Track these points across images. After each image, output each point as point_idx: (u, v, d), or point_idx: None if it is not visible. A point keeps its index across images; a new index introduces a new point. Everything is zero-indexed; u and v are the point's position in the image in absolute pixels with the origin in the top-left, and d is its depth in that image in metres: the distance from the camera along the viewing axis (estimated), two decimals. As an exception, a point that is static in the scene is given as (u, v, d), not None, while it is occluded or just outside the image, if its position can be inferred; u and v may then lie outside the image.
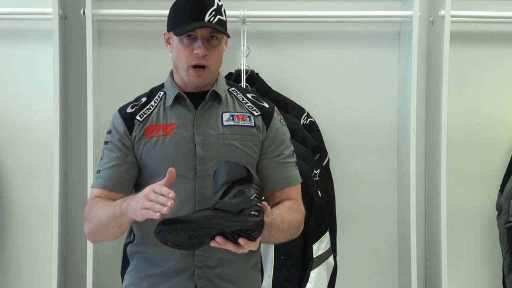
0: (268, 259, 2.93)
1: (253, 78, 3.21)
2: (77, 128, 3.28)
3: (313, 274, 2.92)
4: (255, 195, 1.98)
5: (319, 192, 3.00)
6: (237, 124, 2.23)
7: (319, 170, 3.08)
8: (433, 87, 3.33)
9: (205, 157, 2.18)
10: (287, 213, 2.17)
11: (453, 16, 3.18)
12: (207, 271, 2.19)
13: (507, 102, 3.43)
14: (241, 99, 2.29)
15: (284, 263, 2.92)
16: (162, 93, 2.28)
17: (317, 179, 3.04)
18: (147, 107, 2.26)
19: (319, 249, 2.94)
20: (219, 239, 1.95)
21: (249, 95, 2.32)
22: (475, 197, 3.44)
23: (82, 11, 3.11)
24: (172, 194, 1.93)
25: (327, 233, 3.00)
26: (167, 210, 1.91)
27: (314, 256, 2.92)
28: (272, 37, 3.37)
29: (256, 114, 2.26)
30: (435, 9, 3.27)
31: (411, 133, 3.19)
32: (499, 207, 3.31)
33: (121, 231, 2.14)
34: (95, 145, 3.07)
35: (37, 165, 3.30)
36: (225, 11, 2.22)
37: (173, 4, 2.24)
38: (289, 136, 2.31)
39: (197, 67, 2.18)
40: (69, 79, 3.32)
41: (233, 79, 3.16)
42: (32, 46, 3.29)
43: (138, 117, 2.24)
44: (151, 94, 2.31)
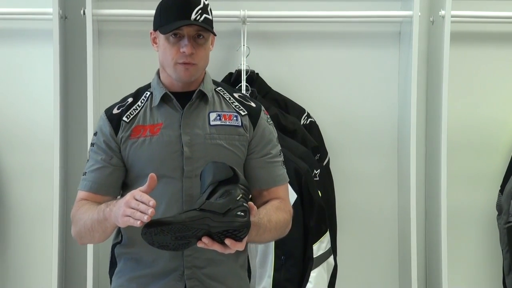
0: (268, 259, 2.93)
1: (253, 78, 3.21)
2: (77, 128, 3.29)
3: (313, 274, 2.92)
4: (241, 195, 1.97)
5: (319, 192, 3.00)
6: (224, 123, 2.22)
7: (319, 170, 3.08)
8: (433, 87, 3.32)
9: (193, 157, 2.17)
10: (274, 212, 2.16)
11: (453, 16, 3.18)
12: (196, 271, 2.18)
13: (507, 102, 3.43)
14: (228, 99, 2.27)
15: (284, 263, 2.91)
16: (148, 93, 2.27)
17: (317, 179, 3.04)
18: (134, 107, 2.25)
19: (319, 249, 2.94)
20: (205, 239, 1.94)
21: (236, 95, 2.30)
22: (475, 197, 3.44)
23: (82, 11, 3.11)
24: (152, 202, 1.92)
25: (327, 233, 2.99)
26: (147, 218, 1.90)
27: (314, 256, 2.92)
28: (272, 37, 3.37)
29: (243, 113, 2.25)
30: (435, 9, 3.27)
31: (411, 133, 3.19)
32: (499, 207, 3.31)
33: (106, 235, 2.14)
34: (95, 145, 3.06)
35: (37, 165, 3.30)
36: (211, 10, 2.20)
37: (159, 3, 2.22)
38: (276, 135, 2.30)
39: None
40: (69, 79, 3.32)
41: (233, 79, 3.16)
42: (32, 46, 3.29)
43: (124, 118, 2.22)
44: (138, 94, 2.29)
